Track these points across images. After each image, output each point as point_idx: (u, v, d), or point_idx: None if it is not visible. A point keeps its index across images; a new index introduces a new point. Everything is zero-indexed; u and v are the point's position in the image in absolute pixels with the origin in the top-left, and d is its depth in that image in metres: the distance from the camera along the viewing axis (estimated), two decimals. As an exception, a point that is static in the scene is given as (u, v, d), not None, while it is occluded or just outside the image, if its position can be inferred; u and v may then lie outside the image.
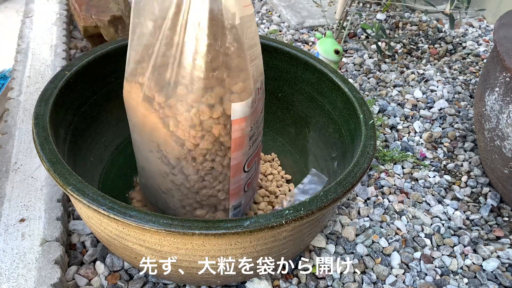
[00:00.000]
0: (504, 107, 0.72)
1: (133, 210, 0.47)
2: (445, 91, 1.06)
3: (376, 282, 0.67)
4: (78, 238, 0.68)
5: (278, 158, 0.82)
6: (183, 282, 0.63)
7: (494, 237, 0.76)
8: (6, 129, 0.78)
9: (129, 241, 0.52)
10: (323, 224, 0.63)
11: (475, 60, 1.19)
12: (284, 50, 0.76)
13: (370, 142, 0.59)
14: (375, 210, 0.78)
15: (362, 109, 0.64)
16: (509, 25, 0.78)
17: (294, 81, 0.77)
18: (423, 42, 1.24)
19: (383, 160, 0.88)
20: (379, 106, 1.00)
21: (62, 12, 1.13)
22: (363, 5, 1.37)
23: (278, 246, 0.53)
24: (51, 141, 0.54)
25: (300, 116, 0.79)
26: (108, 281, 0.63)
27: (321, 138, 0.76)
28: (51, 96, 0.60)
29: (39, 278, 0.58)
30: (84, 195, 0.48)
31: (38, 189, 0.69)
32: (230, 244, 0.49)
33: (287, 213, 0.48)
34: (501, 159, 0.75)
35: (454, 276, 0.70)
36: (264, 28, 1.27)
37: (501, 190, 0.81)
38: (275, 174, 0.79)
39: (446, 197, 0.83)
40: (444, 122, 0.99)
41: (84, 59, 0.68)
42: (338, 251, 0.71)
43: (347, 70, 1.12)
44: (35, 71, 0.92)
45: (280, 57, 0.77)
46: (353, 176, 0.54)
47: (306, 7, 1.36)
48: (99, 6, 0.97)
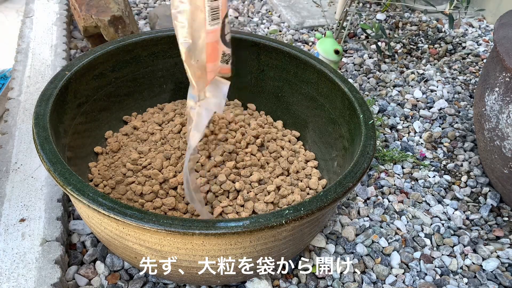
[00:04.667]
0: (504, 107, 0.72)
1: (133, 210, 0.47)
2: (445, 91, 1.06)
3: (376, 282, 0.67)
4: (78, 238, 0.69)
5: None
6: (183, 282, 0.63)
7: (494, 237, 0.77)
8: (6, 129, 0.78)
9: (129, 241, 0.52)
10: (323, 224, 0.63)
11: (475, 60, 1.19)
12: (284, 50, 0.76)
13: (370, 142, 0.59)
14: (375, 210, 0.78)
15: (362, 109, 0.64)
16: (509, 25, 0.78)
17: (294, 81, 0.77)
18: (423, 42, 1.24)
19: (383, 160, 0.88)
20: (379, 106, 1.00)
21: (62, 12, 1.13)
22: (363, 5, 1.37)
23: (278, 246, 0.53)
24: (51, 141, 0.54)
25: (300, 116, 0.79)
26: (108, 281, 0.63)
27: (321, 138, 0.76)
28: (51, 96, 0.60)
29: (39, 278, 0.58)
30: (84, 195, 0.48)
31: (38, 189, 0.69)
32: (230, 244, 0.49)
33: (287, 213, 0.48)
34: (501, 159, 0.75)
35: (454, 276, 0.70)
36: (264, 28, 1.27)
37: (501, 190, 0.81)
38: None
39: (446, 197, 0.83)
40: (444, 122, 0.99)
41: (84, 59, 0.68)
42: (338, 251, 0.71)
43: (347, 70, 1.12)
44: (35, 71, 0.92)
45: (280, 57, 0.77)
46: (353, 176, 0.54)
47: (306, 7, 1.37)
48: (99, 6, 0.97)
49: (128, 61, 0.75)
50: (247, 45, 0.78)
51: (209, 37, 0.52)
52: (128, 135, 0.76)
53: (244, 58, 0.79)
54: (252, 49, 0.78)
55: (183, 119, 0.76)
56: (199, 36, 0.52)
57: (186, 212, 0.65)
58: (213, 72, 0.56)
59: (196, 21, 0.50)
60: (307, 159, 0.76)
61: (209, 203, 0.65)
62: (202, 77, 0.55)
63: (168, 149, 0.72)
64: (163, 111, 0.80)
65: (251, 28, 1.26)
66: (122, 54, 0.73)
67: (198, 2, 0.50)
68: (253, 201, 0.66)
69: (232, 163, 0.69)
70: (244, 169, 0.69)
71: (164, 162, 0.69)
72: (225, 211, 0.65)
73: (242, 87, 0.82)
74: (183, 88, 0.83)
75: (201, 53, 0.53)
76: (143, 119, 0.79)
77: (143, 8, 1.32)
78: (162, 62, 0.79)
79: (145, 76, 0.78)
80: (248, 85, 0.83)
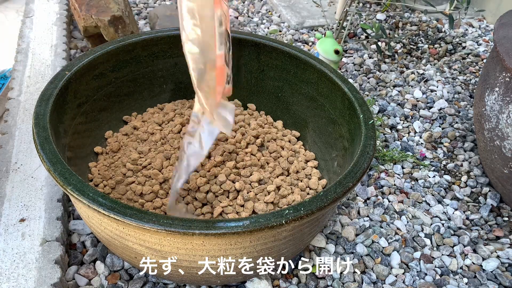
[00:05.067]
0: (504, 107, 0.72)
1: (133, 210, 0.47)
2: (445, 91, 1.06)
3: (376, 282, 0.67)
4: (78, 238, 0.69)
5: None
6: (183, 282, 0.63)
7: (494, 237, 0.77)
8: (6, 129, 0.78)
9: (129, 241, 0.52)
10: (323, 224, 0.63)
11: (475, 60, 1.19)
12: (284, 50, 0.76)
13: (370, 142, 0.59)
14: (375, 210, 0.78)
15: (362, 109, 0.64)
16: (509, 25, 0.78)
17: (294, 81, 0.77)
18: (423, 42, 1.24)
19: (383, 160, 0.88)
20: (379, 106, 1.00)
21: (62, 12, 1.13)
22: (363, 5, 1.37)
23: (278, 246, 0.53)
24: (51, 141, 0.54)
25: (300, 116, 0.79)
26: (108, 281, 0.63)
27: (321, 138, 0.76)
28: (51, 96, 0.60)
29: (39, 278, 0.58)
30: (84, 195, 0.48)
31: (38, 189, 0.69)
32: (230, 244, 0.49)
33: (287, 213, 0.48)
34: (501, 159, 0.75)
35: (454, 276, 0.70)
36: (264, 28, 1.27)
37: (501, 190, 0.81)
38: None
39: (446, 197, 0.83)
40: (444, 122, 0.99)
41: (84, 59, 0.68)
42: (338, 251, 0.71)
43: (347, 70, 1.12)
44: (35, 71, 0.92)
45: (280, 57, 0.77)
46: (353, 176, 0.54)
47: (306, 7, 1.37)
48: (99, 6, 0.97)
49: (128, 61, 0.75)
50: (247, 45, 0.78)
51: (218, 61, 0.54)
52: (128, 135, 0.76)
53: (244, 58, 0.79)
54: (252, 49, 0.78)
55: (183, 119, 0.76)
56: (210, 61, 0.54)
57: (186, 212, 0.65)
58: (220, 94, 0.57)
59: (207, 46, 0.53)
60: (307, 159, 0.76)
61: (209, 203, 0.65)
62: (212, 100, 0.57)
63: (168, 149, 0.72)
64: (163, 111, 0.80)
65: (251, 28, 1.27)
66: (122, 54, 0.73)
67: (209, 30, 0.52)
68: (253, 201, 0.66)
69: (232, 163, 0.69)
70: (244, 169, 0.69)
71: (164, 162, 0.69)
72: (225, 211, 0.65)
73: (242, 87, 0.82)
74: (183, 88, 0.83)
75: (211, 77, 0.55)
76: (143, 119, 0.79)
77: (143, 8, 1.32)
78: (162, 62, 0.79)
79: (145, 76, 0.78)
80: (248, 85, 0.83)
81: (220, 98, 0.58)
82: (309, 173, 0.73)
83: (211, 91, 0.56)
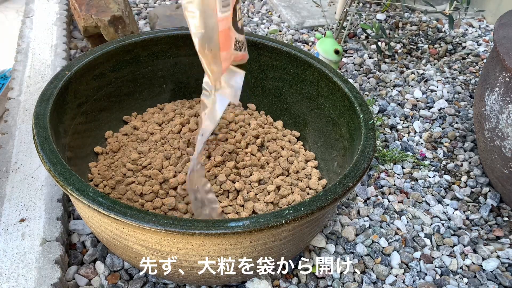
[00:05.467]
0: (504, 107, 0.72)
1: (133, 210, 0.47)
2: (445, 91, 1.06)
3: (376, 282, 0.67)
4: (78, 238, 0.69)
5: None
6: (183, 282, 0.63)
7: (494, 237, 0.77)
8: (6, 129, 0.78)
9: (129, 241, 0.52)
10: (323, 224, 0.63)
11: (475, 60, 1.19)
12: (284, 50, 0.76)
13: (370, 142, 0.59)
14: (375, 210, 0.78)
15: (362, 109, 0.64)
16: (509, 25, 0.78)
17: (294, 81, 0.77)
18: (423, 42, 1.24)
19: (383, 160, 0.88)
20: (379, 106, 1.00)
21: (62, 12, 1.13)
22: (363, 5, 1.37)
23: (278, 246, 0.53)
24: (51, 141, 0.54)
25: (300, 116, 0.79)
26: (108, 281, 0.63)
27: (321, 138, 0.76)
28: (51, 96, 0.60)
29: (39, 278, 0.58)
30: (84, 195, 0.48)
31: (38, 189, 0.69)
32: (230, 244, 0.49)
33: (287, 213, 0.48)
34: (501, 159, 0.75)
35: (454, 276, 0.70)
36: (264, 28, 1.27)
37: (501, 190, 0.81)
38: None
39: (446, 197, 0.83)
40: (444, 122, 0.99)
41: (84, 59, 0.68)
42: (338, 251, 0.71)
43: (347, 70, 1.12)
44: (35, 71, 0.92)
45: (280, 57, 0.77)
46: (353, 176, 0.54)
47: (306, 7, 1.37)
48: (99, 6, 0.97)
49: (128, 61, 0.75)
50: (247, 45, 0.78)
51: (221, 24, 0.51)
52: (128, 135, 0.76)
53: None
54: (252, 49, 0.78)
55: (183, 119, 0.76)
56: (211, 25, 0.50)
57: (186, 212, 0.65)
58: (227, 61, 0.54)
59: (207, 9, 0.49)
60: (307, 159, 0.76)
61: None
62: (217, 66, 0.54)
63: (168, 149, 0.72)
64: (163, 111, 0.80)
65: (251, 28, 1.26)
66: (122, 54, 0.73)
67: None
68: (253, 201, 0.66)
69: (232, 163, 0.69)
70: (244, 169, 0.69)
71: (164, 162, 0.69)
72: (225, 211, 0.65)
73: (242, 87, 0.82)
74: (183, 88, 0.83)
75: (214, 41, 0.52)
76: (143, 119, 0.79)
77: (143, 8, 1.32)
78: (162, 62, 0.79)
79: (145, 76, 0.78)
80: (248, 85, 0.83)
81: (227, 64, 0.55)
82: (309, 173, 0.73)
83: (214, 57, 0.53)
